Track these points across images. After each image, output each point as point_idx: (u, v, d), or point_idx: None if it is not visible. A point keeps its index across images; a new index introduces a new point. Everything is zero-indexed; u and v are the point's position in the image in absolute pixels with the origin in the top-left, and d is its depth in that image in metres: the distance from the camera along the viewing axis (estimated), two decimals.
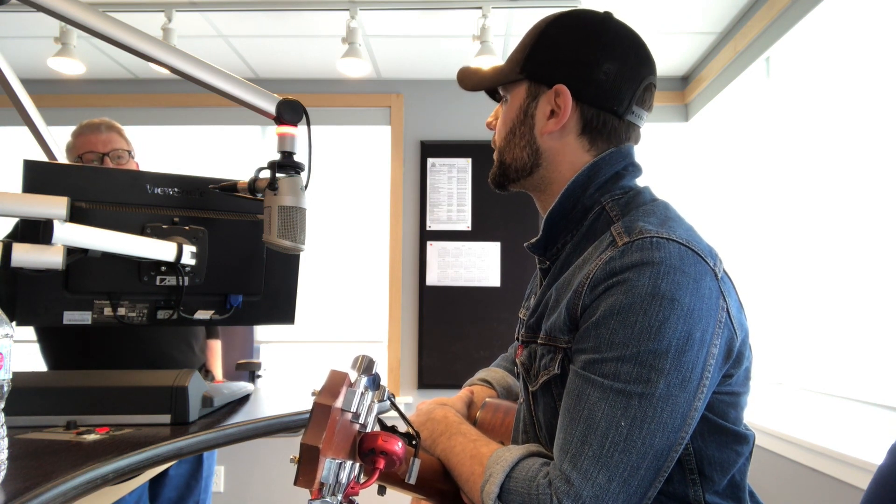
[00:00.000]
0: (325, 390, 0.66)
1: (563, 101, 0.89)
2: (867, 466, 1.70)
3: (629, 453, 0.73)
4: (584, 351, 0.79)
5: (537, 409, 0.89)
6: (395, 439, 0.72)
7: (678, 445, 0.76)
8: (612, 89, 0.88)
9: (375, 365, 0.72)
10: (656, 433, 0.73)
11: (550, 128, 0.91)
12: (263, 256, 1.36)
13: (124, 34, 1.07)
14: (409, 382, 3.37)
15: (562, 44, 0.91)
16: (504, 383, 1.16)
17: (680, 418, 0.74)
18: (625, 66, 0.89)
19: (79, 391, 1.17)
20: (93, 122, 1.92)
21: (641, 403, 0.73)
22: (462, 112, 3.45)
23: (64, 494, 0.80)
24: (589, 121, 0.90)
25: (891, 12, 1.90)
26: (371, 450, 0.71)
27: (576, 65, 0.89)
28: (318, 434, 0.62)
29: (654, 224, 0.81)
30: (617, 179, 0.91)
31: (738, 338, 0.81)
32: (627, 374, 0.74)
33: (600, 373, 0.76)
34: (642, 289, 0.75)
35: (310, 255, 3.14)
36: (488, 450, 0.86)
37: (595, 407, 0.75)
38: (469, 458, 0.86)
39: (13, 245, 0.99)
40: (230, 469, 3.35)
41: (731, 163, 2.96)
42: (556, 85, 0.89)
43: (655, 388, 0.73)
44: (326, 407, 0.64)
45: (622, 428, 0.73)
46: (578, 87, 0.89)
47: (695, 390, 0.75)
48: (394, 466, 0.73)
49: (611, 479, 0.72)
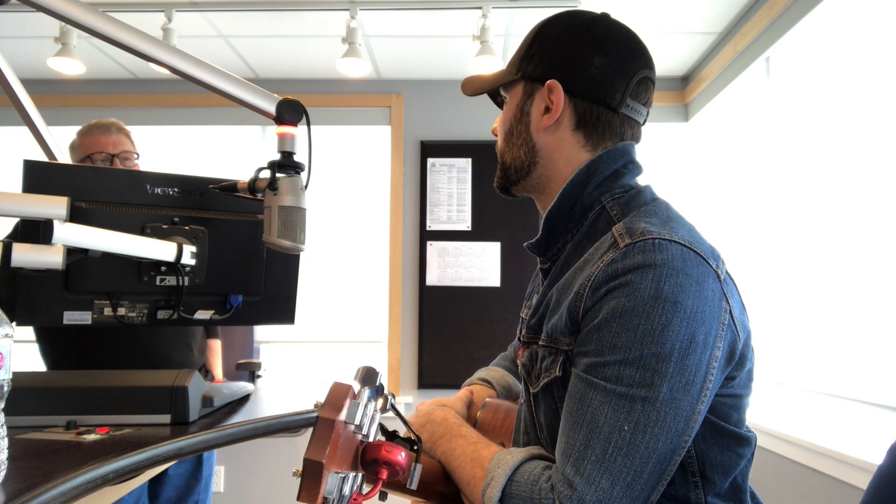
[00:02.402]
0: (329, 403, 0.65)
1: (556, 96, 0.89)
2: (867, 466, 1.70)
3: (632, 457, 0.72)
4: (586, 354, 0.78)
5: (538, 410, 0.89)
6: (397, 449, 0.72)
7: (681, 449, 0.75)
8: (604, 82, 0.89)
9: (379, 376, 0.71)
10: (660, 437, 0.73)
11: (545, 123, 0.91)
12: (263, 256, 1.36)
13: (124, 34, 1.07)
14: (409, 382, 3.37)
15: (554, 42, 0.92)
16: (504, 383, 1.15)
17: (683, 422, 0.74)
18: (616, 58, 0.89)
19: (79, 391, 1.17)
20: (102, 122, 1.91)
21: (645, 407, 0.73)
22: (462, 112, 3.45)
23: (64, 494, 0.80)
24: (582, 115, 0.90)
25: (891, 12, 1.90)
26: (374, 460, 0.71)
27: (567, 60, 0.90)
28: (321, 449, 0.61)
29: (656, 225, 0.80)
30: (616, 178, 0.90)
31: (741, 340, 0.81)
32: (630, 378, 0.74)
33: (603, 376, 0.75)
34: (645, 291, 0.74)
35: (310, 255, 3.14)
36: (489, 452, 0.85)
37: (598, 411, 0.75)
38: (470, 462, 0.86)
39: (13, 245, 0.99)
40: (230, 469, 3.35)
41: (731, 163, 2.96)
42: (548, 81, 0.90)
43: (658, 391, 0.73)
44: (330, 421, 0.63)
45: (625, 432, 0.73)
46: (570, 81, 0.89)
47: (698, 393, 0.75)
48: (397, 476, 0.72)
49: (614, 484, 0.72)
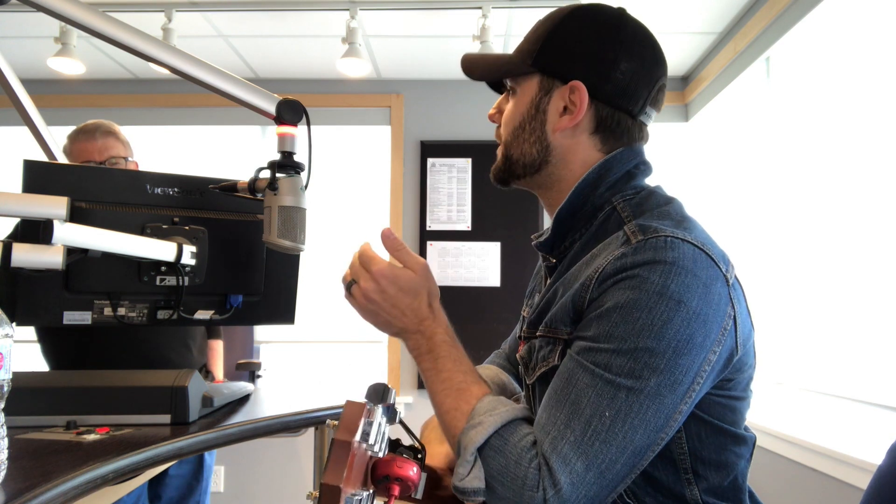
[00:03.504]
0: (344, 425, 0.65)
1: (579, 98, 0.86)
2: (867, 466, 1.70)
3: (609, 444, 0.72)
4: (582, 338, 0.78)
5: (535, 400, 0.89)
6: (409, 464, 0.71)
7: (656, 446, 0.75)
8: (629, 89, 0.86)
9: (391, 392, 0.71)
10: (638, 429, 0.73)
11: (564, 125, 0.88)
12: (263, 256, 1.36)
13: (124, 34, 1.07)
14: (409, 382, 3.37)
15: (579, 38, 0.88)
16: (497, 380, 1.15)
17: (663, 419, 0.74)
18: (642, 66, 0.87)
19: (79, 391, 1.17)
20: (87, 126, 1.86)
21: (629, 397, 0.73)
22: (462, 112, 3.44)
23: (64, 494, 0.80)
24: (603, 119, 0.88)
25: (891, 12, 1.90)
26: (385, 476, 0.71)
27: (593, 61, 0.86)
28: (339, 473, 0.61)
29: (670, 225, 0.80)
30: (628, 179, 0.89)
31: (742, 346, 0.80)
32: (620, 367, 0.74)
33: (593, 361, 0.75)
34: (651, 286, 0.74)
35: (310, 255, 3.13)
36: (479, 390, 0.83)
37: (583, 393, 0.75)
38: (455, 391, 0.83)
39: (13, 245, 0.99)
40: (230, 469, 3.35)
41: (730, 163, 2.96)
42: (571, 81, 0.86)
43: (646, 384, 0.73)
44: (347, 443, 0.63)
45: (605, 418, 0.73)
46: (595, 85, 0.86)
47: (683, 394, 0.75)
48: (409, 492, 0.72)
49: (588, 468, 0.72)
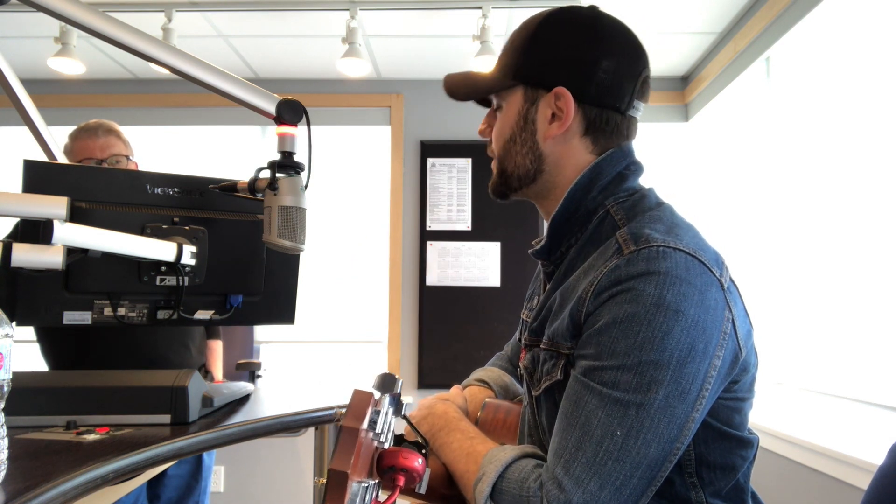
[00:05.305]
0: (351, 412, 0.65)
1: (566, 104, 0.87)
2: (867, 466, 1.70)
3: (623, 462, 0.72)
4: (584, 357, 0.78)
5: (540, 413, 0.89)
6: (414, 455, 0.72)
7: (673, 456, 0.75)
8: (614, 87, 0.87)
9: (399, 383, 0.72)
10: (651, 443, 0.73)
11: (553, 132, 0.88)
12: (263, 256, 1.36)
13: (124, 34, 1.07)
14: (408, 382, 3.37)
15: (556, 44, 0.88)
16: (501, 382, 1.15)
17: (676, 429, 0.74)
18: (623, 61, 0.87)
19: (79, 391, 1.17)
20: (89, 125, 1.87)
21: (639, 413, 0.73)
22: (462, 112, 3.44)
23: (64, 494, 0.80)
24: (592, 121, 0.88)
25: (891, 12, 1.90)
26: (391, 467, 0.71)
27: (575, 65, 0.87)
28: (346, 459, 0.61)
29: (661, 232, 0.80)
30: (620, 181, 0.89)
31: (744, 348, 0.81)
32: (626, 384, 0.73)
33: (599, 380, 0.75)
34: (647, 299, 0.74)
35: (310, 255, 3.14)
36: (484, 448, 0.86)
37: (592, 414, 0.75)
38: (465, 456, 0.86)
39: (13, 245, 0.99)
40: (230, 469, 3.35)
41: (730, 163, 2.96)
42: (555, 88, 0.87)
43: (654, 398, 0.73)
44: (355, 430, 0.63)
45: (617, 437, 0.73)
46: (580, 88, 0.86)
47: (693, 402, 0.75)
48: (413, 483, 0.72)
49: (602, 487, 0.72)
